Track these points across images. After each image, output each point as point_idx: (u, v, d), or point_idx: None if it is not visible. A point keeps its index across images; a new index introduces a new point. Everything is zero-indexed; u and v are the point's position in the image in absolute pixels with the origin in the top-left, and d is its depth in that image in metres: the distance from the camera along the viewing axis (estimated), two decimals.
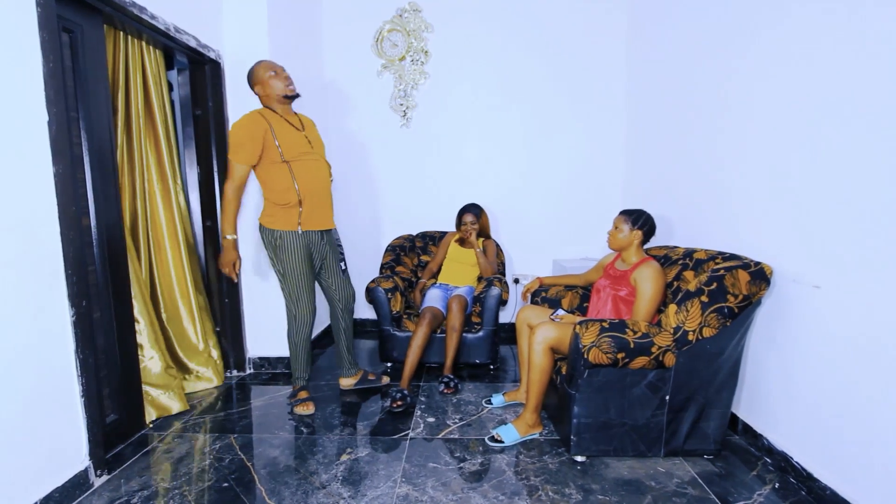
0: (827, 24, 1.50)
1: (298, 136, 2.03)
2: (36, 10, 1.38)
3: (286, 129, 2.00)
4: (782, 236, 1.69)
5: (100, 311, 1.76)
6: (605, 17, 3.07)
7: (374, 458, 1.78)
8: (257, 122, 1.93)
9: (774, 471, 1.68)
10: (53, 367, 1.46)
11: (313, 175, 2.05)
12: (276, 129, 1.96)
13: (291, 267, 2.04)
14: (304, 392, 2.22)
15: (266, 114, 1.98)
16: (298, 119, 2.11)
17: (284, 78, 2.01)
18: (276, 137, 1.94)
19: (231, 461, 1.76)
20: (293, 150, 1.98)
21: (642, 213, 1.95)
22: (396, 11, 3.12)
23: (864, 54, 1.37)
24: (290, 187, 1.98)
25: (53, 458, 1.47)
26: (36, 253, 1.40)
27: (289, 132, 2.00)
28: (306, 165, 2.02)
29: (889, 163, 1.29)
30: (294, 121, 2.07)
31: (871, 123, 1.34)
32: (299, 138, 2.03)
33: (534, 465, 1.74)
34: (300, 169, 2.00)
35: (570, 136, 3.20)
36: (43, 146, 1.42)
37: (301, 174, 2.00)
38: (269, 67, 1.99)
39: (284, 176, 1.98)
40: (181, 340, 2.35)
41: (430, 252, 3.10)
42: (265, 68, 1.99)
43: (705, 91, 2.20)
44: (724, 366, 1.69)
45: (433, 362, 2.63)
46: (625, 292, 1.91)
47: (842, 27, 1.44)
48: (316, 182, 2.06)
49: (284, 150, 1.96)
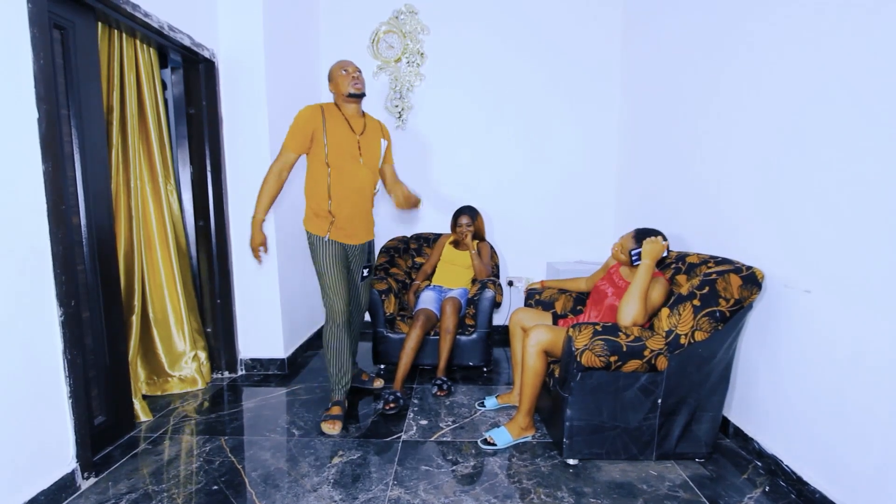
0: (808, 36, 1.52)
1: (350, 140, 1.96)
2: (27, 7, 1.36)
3: (341, 129, 1.95)
4: (769, 241, 1.71)
5: (89, 310, 1.74)
6: (600, 21, 3.10)
7: (367, 461, 1.77)
8: (313, 113, 1.91)
9: (765, 474, 1.69)
10: (40, 367, 1.44)
11: (351, 185, 1.98)
12: (329, 125, 1.92)
13: (326, 267, 2.01)
14: (338, 408, 2.06)
15: (328, 109, 1.95)
16: (363, 123, 2.04)
17: (352, 77, 1.95)
18: (327, 134, 1.91)
19: (221, 463, 1.74)
20: (339, 153, 1.93)
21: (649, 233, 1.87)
22: (393, 13, 3.12)
23: (847, 64, 1.39)
24: (324, 196, 1.95)
25: (39, 460, 1.44)
26: (23, 251, 1.38)
27: (343, 133, 1.95)
28: (348, 173, 1.96)
29: (877, 169, 1.30)
30: (356, 123, 2.01)
31: (857, 130, 1.36)
32: (350, 142, 1.96)
33: (526, 468, 1.73)
34: (339, 177, 1.94)
35: (564, 139, 3.21)
36: (32, 144, 1.40)
37: (338, 182, 1.95)
38: (342, 66, 1.97)
39: (322, 179, 1.94)
40: (166, 342, 2.33)
41: (425, 254, 3.10)
42: (339, 66, 1.98)
43: (692, 96, 2.22)
44: (716, 369, 1.70)
45: (426, 364, 2.62)
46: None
47: (823, 38, 1.46)
48: (353, 195, 1.99)
49: (331, 149, 1.92)
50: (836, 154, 1.44)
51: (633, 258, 1.84)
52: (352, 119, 1.99)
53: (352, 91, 1.95)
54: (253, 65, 2.39)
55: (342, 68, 1.97)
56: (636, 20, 2.90)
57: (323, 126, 1.91)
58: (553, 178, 3.25)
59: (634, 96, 2.94)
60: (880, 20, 1.30)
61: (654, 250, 1.77)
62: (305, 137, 1.90)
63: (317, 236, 2.00)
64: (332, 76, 2.00)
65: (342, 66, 1.98)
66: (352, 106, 1.99)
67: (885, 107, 1.28)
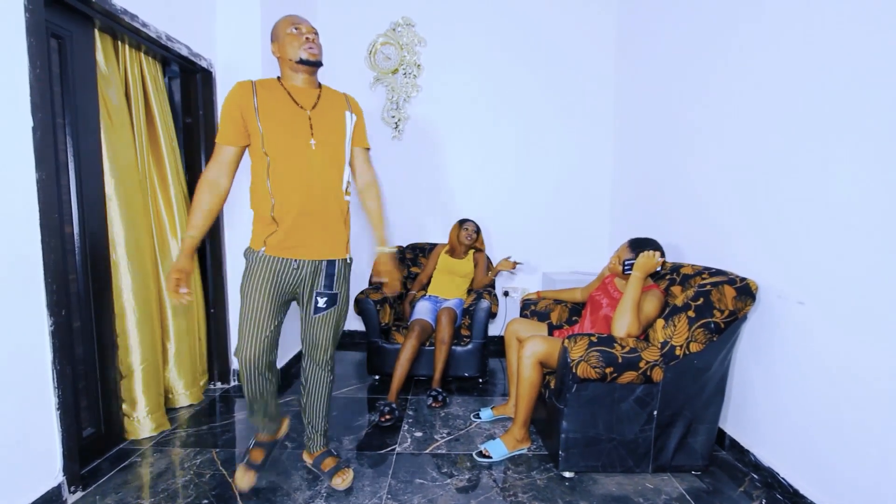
0: (797, 49, 1.55)
1: (296, 117, 1.46)
2: (24, 16, 1.37)
3: (282, 107, 1.45)
4: (762, 252, 1.72)
5: (80, 320, 1.71)
6: (596, 33, 3.15)
7: (360, 474, 1.74)
8: (235, 93, 1.45)
9: (761, 487, 1.68)
10: (28, 377, 1.42)
11: (299, 178, 1.44)
12: (262, 104, 1.43)
13: (245, 292, 1.48)
14: (258, 452, 1.67)
15: (263, 84, 1.47)
16: (317, 95, 1.52)
17: (305, 39, 1.45)
18: (260, 117, 1.42)
19: (212, 476, 1.71)
20: (280, 135, 1.43)
21: (645, 243, 1.89)
22: (390, 25, 3.15)
23: (838, 80, 1.41)
24: (265, 195, 1.45)
25: (25, 473, 1.41)
26: (14, 260, 1.36)
27: (284, 109, 1.45)
28: (295, 162, 1.44)
29: (868, 182, 1.32)
30: (305, 96, 1.49)
31: (848, 142, 1.38)
32: (297, 120, 1.45)
33: (522, 480, 1.71)
34: (282, 168, 1.43)
35: (560, 151, 3.24)
36: (26, 152, 1.39)
37: (281, 175, 1.43)
38: (292, 22, 1.47)
39: (261, 174, 1.45)
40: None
41: (420, 264, 3.10)
42: (287, 22, 1.48)
43: (683, 108, 2.25)
44: (711, 381, 1.69)
45: (422, 375, 2.60)
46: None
47: (811, 50, 1.49)
48: (302, 190, 1.44)
49: (267, 133, 1.42)
50: (827, 167, 1.46)
51: (625, 268, 1.85)
52: (298, 92, 1.49)
53: (303, 56, 1.45)
54: (250, 74, 2.40)
55: (292, 24, 1.47)
56: (630, 33, 2.95)
57: (255, 103, 1.43)
58: (548, 188, 3.27)
59: (628, 108, 2.97)
60: (870, 49, 1.33)
61: (647, 265, 1.78)
62: (236, 123, 1.43)
63: (250, 250, 1.50)
64: (277, 34, 1.49)
65: (292, 22, 1.47)
66: (301, 76, 1.50)
67: (877, 119, 1.31)
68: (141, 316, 1.97)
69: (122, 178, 1.89)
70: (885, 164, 1.27)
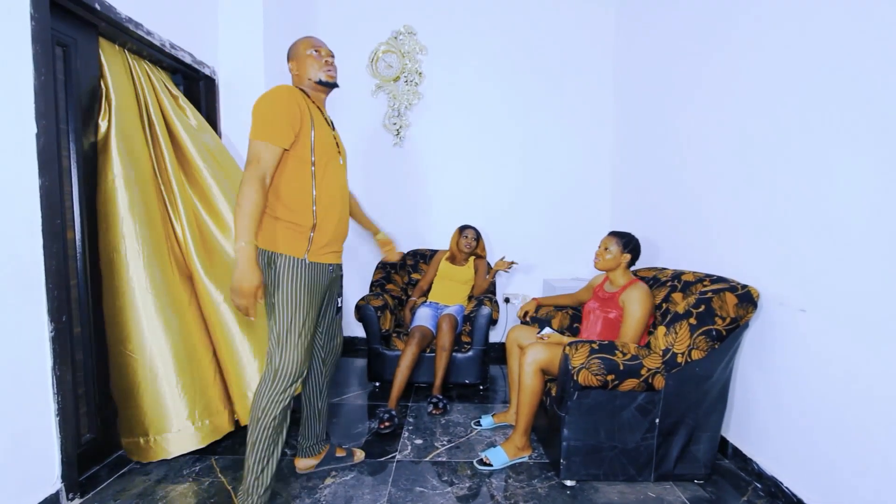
0: (797, 49, 1.56)
1: (330, 137, 1.56)
2: (30, 24, 1.38)
3: (321, 123, 1.52)
4: (764, 259, 1.72)
5: (80, 326, 1.71)
6: (595, 41, 3.17)
7: (360, 482, 1.73)
8: (295, 95, 1.43)
9: (765, 496, 1.66)
10: (27, 382, 1.41)
11: (339, 191, 1.56)
12: (315, 114, 1.51)
13: (297, 302, 1.46)
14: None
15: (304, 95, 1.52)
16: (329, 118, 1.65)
17: (326, 62, 1.55)
18: (315, 125, 1.48)
19: (211, 484, 1.70)
20: (324, 152, 1.50)
21: (632, 237, 1.98)
22: (392, 33, 3.18)
23: (839, 83, 1.42)
24: (307, 203, 1.48)
25: (23, 479, 1.40)
26: (15, 265, 1.36)
27: (323, 127, 1.53)
28: (332, 173, 1.53)
29: (869, 189, 1.32)
30: (327, 117, 1.61)
31: (851, 150, 1.38)
32: (330, 139, 1.55)
33: (523, 489, 1.70)
34: (326, 178, 1.51)
35: (560, 157, 3.25)
36: (30, 158, 1.40)
37: (325, 184, 1.51)
38: (312, 45, 1.55)
39: (304, 185, 1.47)
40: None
41: (421, 270, 3.10)
42: (307, 44, 1.55)
43: (683, 114, 2.26)
44: (713, 388, 1.68)
45: (422, 382, 2.59)
46: (614, 314, 1.91)
47: (812, 49, 1.50)
48: (340, 200, 1.57)
49: (318, 144, 1.48)
50: (829, 174, 1.47)
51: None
52: (323, 112, 1.60)
53: (323, 78, 1.54)
54: (253, 82, 2.42)
55: (313, 47, 1.55)
56: (629, 40, 2.97)
57: (310, 114, 1.48)
58: (549, 194, 3.28)
59: (627, 113, 2.99)
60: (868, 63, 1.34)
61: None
62: (295, 123, 1.41)
63: (289, 258, 1.46)
64: (297, 54, 1.55)
65: (312, 45, 1.55)
66: (320, 96, 1.59)
67: (878, 127, 1.31)
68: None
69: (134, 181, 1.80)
70: (887, 171, 1.27)
